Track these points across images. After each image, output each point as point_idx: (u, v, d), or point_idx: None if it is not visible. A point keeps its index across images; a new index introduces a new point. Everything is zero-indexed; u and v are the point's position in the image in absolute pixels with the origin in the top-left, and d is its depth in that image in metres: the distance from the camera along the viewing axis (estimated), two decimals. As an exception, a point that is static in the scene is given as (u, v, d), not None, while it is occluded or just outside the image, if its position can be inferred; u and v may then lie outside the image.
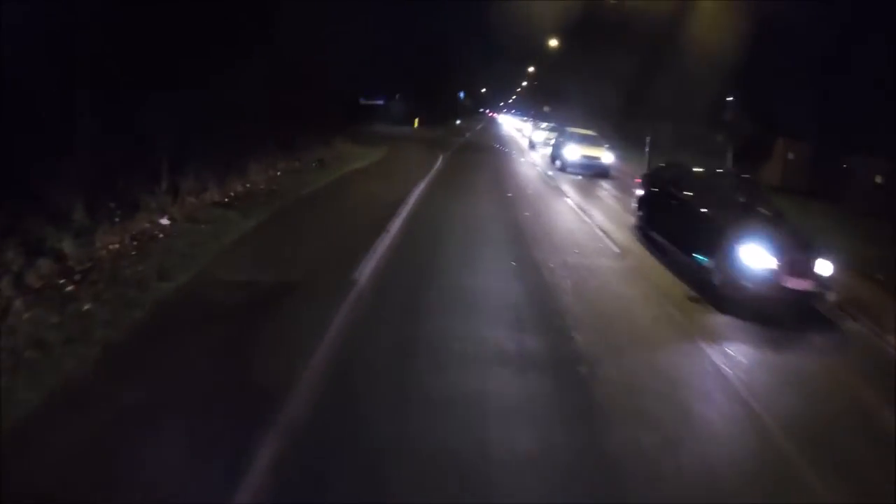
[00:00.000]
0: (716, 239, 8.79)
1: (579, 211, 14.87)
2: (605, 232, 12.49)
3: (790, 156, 27.31)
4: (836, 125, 23.68)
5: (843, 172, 23.29)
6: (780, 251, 8.17)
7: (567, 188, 19.28)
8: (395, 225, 10.65)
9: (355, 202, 12.81)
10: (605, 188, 21.00)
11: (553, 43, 60.31)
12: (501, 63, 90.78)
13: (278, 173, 15.92)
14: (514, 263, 9.24)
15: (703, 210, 9.77)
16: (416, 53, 55.44)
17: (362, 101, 48.86)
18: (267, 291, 6.88)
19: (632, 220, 14.44)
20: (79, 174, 9.75)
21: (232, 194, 12.53)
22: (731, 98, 20.31)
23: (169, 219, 9.72)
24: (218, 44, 16.38)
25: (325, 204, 12.53)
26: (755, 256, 8.14)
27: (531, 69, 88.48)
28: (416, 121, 48.11)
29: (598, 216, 14.42)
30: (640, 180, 13.22)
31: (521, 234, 11.35)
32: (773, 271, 8.07)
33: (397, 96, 54.92)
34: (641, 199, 12.75)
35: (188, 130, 13.39)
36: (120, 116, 13.16)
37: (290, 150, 18.39)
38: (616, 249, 11.09)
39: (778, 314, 8.05)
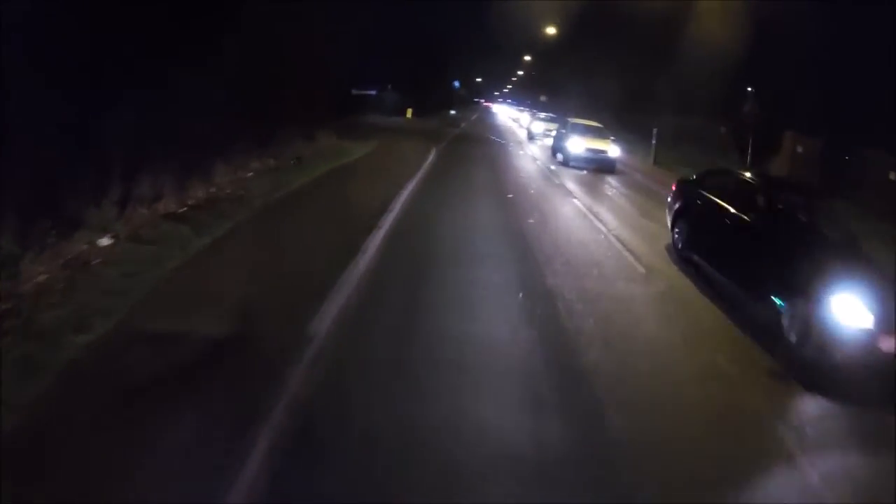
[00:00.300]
0: (797, 282, 6.72)
1: (590, 215, 12.99)
2: (623, 243, 10.62)
3: (799, 149, 26.12)
4: (847, 118, 22.47)
5: (855, 168, 22.09)
6: (876, 302, 6.13)
7: (573, 186, 17.40)
8: (374, 242, 8.74)
9: (330, 210, 10.89)
10: (614, 185, 19.13)
11: (551, 31, 58.18)
12: (497, 52, 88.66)
13: (249, 174, 14.00)
14: (521, 295, 7.34)
15: (774, 238, 7.58)
16: (410, 42, 53.76)
17: (354, 92, 47.31)
18: (195, 353, 5.00)
19: (649, 224, 12.67)
20: (12, 188, 8.02)
21: (191, 202, 10.71)
22: (750, 89, 18.55)
23: (112, 237, 7.96)
24: (184, 30, 14.43)
25: (293, 214, 10.61)
26: (850, 310, 6.09)
27: (527, 58, 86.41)
28: (409, 111, 46.16)
29: (612, 221, 12.56)
30: (675, 188, 11.02)
31: (528, 250, 9.45)
32: (868, 332, 6.04)
33: (389, 86, 53.20)
34: (678, 213, 10.30)
35: (147, 128, 11.55)
36: (68, 115, 11.37)
37: (267, 146, 16.44)
38: (640, 269, 9.22)
39: (863, 383, 6.05)
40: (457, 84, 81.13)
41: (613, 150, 22.59)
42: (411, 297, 6.82)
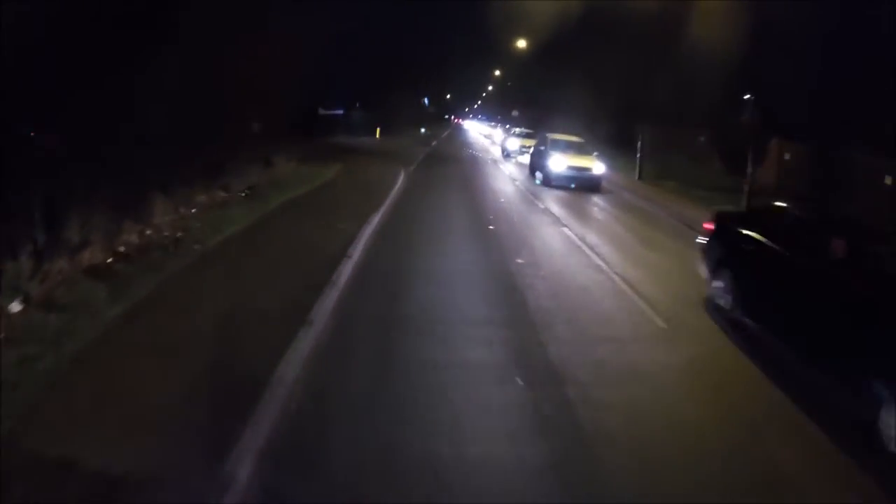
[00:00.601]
0: None
1: (586, 248, 11.19)
2: (631, 286, 8.84)
3: (786, 156, 25.09)
4: (836, 123, 21.37)
5: (848, 174, 20.97)
6: None
7: (559, 210, 15.62)
8: (326, 305, 6.81)
9: (276, 259, 8.89)
10: (602, 207, 17.44)
11: (521, 44, 56.88)
12: (466, 68, 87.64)
13: (193, 210, 12.03)
14: (519, 382, 5.47)
15: (872, 304, 5.36)
16: (378, 60, 52.33)
17: (321, 112, 45.80)
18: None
19: (652, 256, 10.98)
20: None
21: (122, 249, 8.85)
22: (748, 97, 17.07)
23: (22, 301, 6.27)
24: (117, 44, 12.48)
25: (232, 264, 8.64)
26: None
27: (497, 72, 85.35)
28: (378, 130, 44.37)
29: (612, 255, 10.77)
30: (712, 227, 8.56)
31: (521, 306, 7.52)
32: None
33: (357, 105, 51.61)
34: (721, 262, 7.86)
35: (77, 159, 9.63)
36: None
37: (217, 175, 14.44)
38: (660, 322, 7.42)
39: None
40: (426, 101, 79.71)
41: (598, 167, 20.95)
42: (370, 399, 4.90)
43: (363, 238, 10.13)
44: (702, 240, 8.61)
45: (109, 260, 8.40)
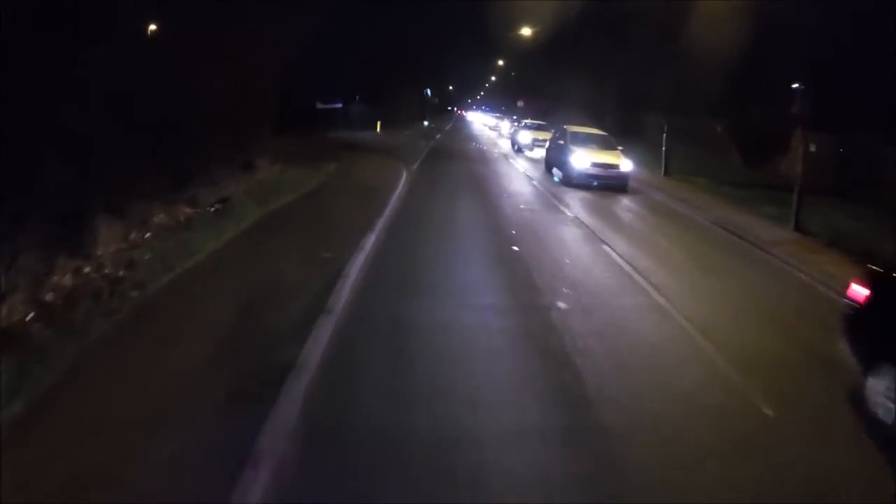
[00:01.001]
0: None
1: (638, 277, 8.77)
2: (709, 338, 6.52)
3: (812, 148, 22.99)
4: (860, 114, 20.55)
5: (873, 166, 19.95)
6: None
7: (590, 220, 13.20)
8: (286, 419, 4.40)
9: (231, 316, 6.41)
10: (639, 214, 15.04)
11: (525, 32, 54.27)
12: (468, 58, 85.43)
13: (147, 235, 9.66)
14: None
15: None
16: (379, 52, 50.54)
17: (319, 106, 43.94)
18: None
19: (717, 287, 8.70)
20: None
21: (48, 298, 6.67)
22: (796, 86, 14.80)
23: None
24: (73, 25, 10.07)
25: (173, 324, 6.28)
26: None
27: (500, 62, 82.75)
28: (379, 124, 42.05)
29: (672, 287, 8.38)
30: (867, 293, 5.59)
31: (581, 399, 5.02)
32: None
33: (357, 98, 49.62)
34: (887, 353, 5.14)
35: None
36: None
37: (185, 185, 12.03)
38: (767, 409, 5.08)
39: None
40: (428, 92, 77.46)
41: (626, 164, 18.60)
42: None
43: (351, 275, 7.70)
44: (851, 307, 5.77)
45: (30, 316, 6.17)
